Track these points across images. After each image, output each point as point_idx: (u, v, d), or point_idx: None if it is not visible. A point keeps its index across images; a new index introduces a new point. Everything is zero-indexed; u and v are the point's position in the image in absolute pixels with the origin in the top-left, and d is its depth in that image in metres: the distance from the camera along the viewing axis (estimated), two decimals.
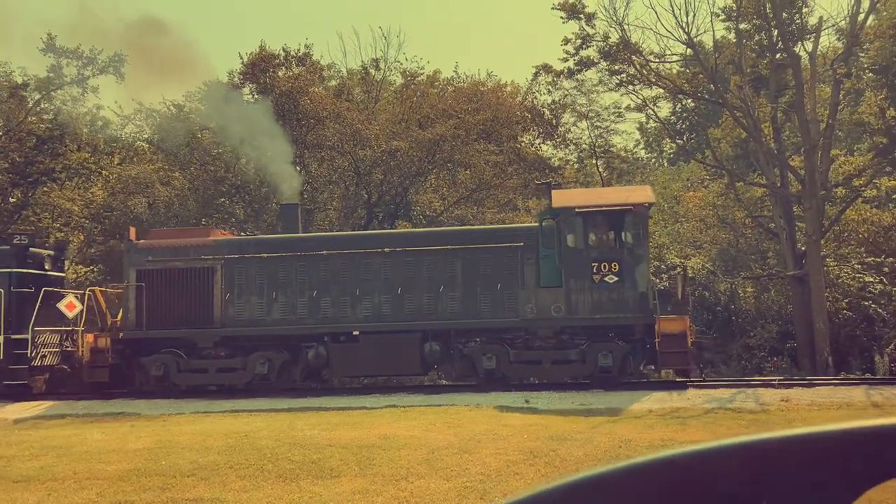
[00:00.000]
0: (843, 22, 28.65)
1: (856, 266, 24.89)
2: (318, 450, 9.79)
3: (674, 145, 42.14)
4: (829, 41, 31.17)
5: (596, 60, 31.75)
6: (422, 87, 29.65)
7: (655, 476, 0.86)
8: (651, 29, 61.98)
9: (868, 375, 18.32)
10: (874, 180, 29.33)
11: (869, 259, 25.13)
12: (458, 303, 16.76)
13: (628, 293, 15.79)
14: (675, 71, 31.99)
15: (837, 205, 27.73)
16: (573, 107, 35.36)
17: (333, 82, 30.90)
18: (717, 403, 13.15)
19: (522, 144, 32.42)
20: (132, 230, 18.77)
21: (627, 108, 35.79)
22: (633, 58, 29.53)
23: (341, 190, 27.92)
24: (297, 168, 29.17)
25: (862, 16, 27.53)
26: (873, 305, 23.20)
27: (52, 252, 20.12)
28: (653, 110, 34.59)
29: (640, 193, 17.32)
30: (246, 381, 17.26)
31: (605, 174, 36.20)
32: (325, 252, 17.35)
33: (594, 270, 15.99)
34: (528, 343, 16.46)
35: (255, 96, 28.55)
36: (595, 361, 15.91)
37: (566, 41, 32.05)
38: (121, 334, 17.60)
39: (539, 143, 34.81)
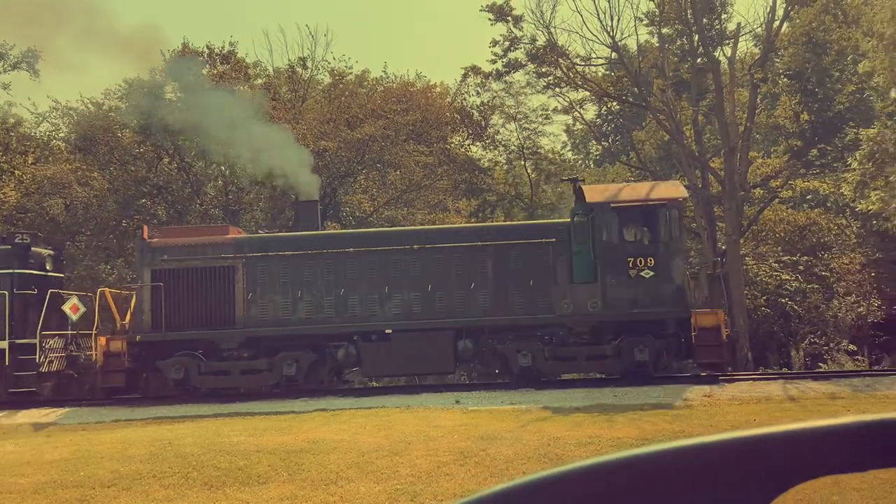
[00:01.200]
0: (760, 28, 29.72)
1: (773, 264, 25.80)
2: (245, 456, 9.57)
3: (600, 147, 42.91)
4: (746, 47, 32.29)
5: (524, 63, 32.11)
6: (350, 87, 29.43)
7: (585, 482, 0.83)
8: (577, 32, 63.11)
9: (785, 370, 18.99)
10: (789, 181, 30.47)
11: (785, 258, 26.09)
12: (489, 300, 16.56)
13: (665, 287, 15.85)
14: (600, 74, 32.60)
15: (756, 205, 28.71)
16: (502, 108, 35.66)
17: (260, 81, 30.37)
18: (644, 400, 13.42)
19: (452, 145, 32.52)
20: (145, 228, 17.92)
21: (555, 110, 36.28)
22: (560, 60, 29.95)
23: (268, 190, 27.47)
24: (223, 168, 28.60)
25: (777, 23, 28.57)
26: (789, 302, 24.11)
27: (52, 252, 19.11)
28: (579, 113, 35.20)
29: (672, 188, 17.38)
30: (272, 384, 16.72)
31: (533, 176, 36.61)
32: (351, 249, 16.96)
33: (630, 265, 15.98)
34: (561, 339, 16.33)
35: (178, 94, 27.84)
36: (631, 356, 15.87)
37: (494, 43, 32.34)
38: (138, 337, 16.73)
39: (468, 145, 34.99)
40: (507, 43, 31.82)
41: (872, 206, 23.16)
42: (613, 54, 29.99)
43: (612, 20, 41.89)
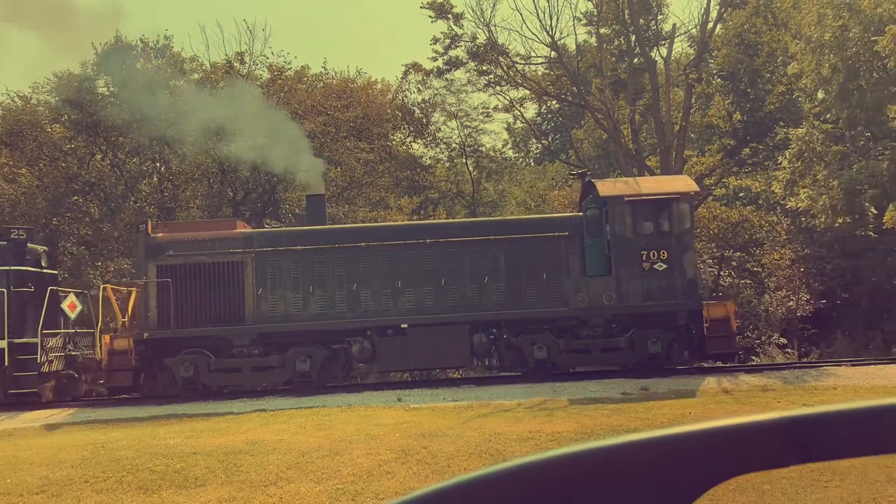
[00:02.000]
0: (695, 30, 30.44)
1: (708, 261, 26.43)
2: (182, 458, 9.36)
3: (539, 145, 43.35)
4: (682, 48, 33.01)
5: (464, 60, 32.22)
6: (289, 83, 29.06)
7: (515, 482, 0.82)
8: (517, 31, 63.49)
9: (719, 364, 19.46)
10: (723, 179, 31.26)
11: (718, 254, 26.76)
12: (502, 293, 16.57)
13: (677, 280, 16.03)
14: (540, 73, 32.92)
15: None
16: (443, 106, 35.71)
17: (196, 76, 29.75)
18: (582, 394, 13.60)
19: (393, 143, 32.42)
20: (148, 223, 17.36)
21: (495, 108, 36.49)
22: (500, 59, 30.14)
23: (205, 188, 26.94)
24: (158, 164, 27.97)
25: (711, 25, 29.27)
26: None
27: (46, 248, 18.41)
28: (519, 111, 35.48)
29: (684, 182, 17.55)
30: (285, 380, 16.44)
31: (474, 173, 36.77)
32: (363, 244, 16.77)
33: (643, 258, 16.12)
34: (574, 332, 16.43)
35: (111, 88, 27.09)
36: (644, 348, 16.06)
37: (435, 41, 32.39)
38: (145, 334, 16.16)
39: (410, 142, 34.94)
40: (447, 40, 31.90)
41: (801, 204, 23.95)
42: (553, 53, 30.33)
43: (551, 20, 42.35)
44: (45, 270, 17.86)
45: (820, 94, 26.21)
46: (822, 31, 22.63)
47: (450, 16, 31.14)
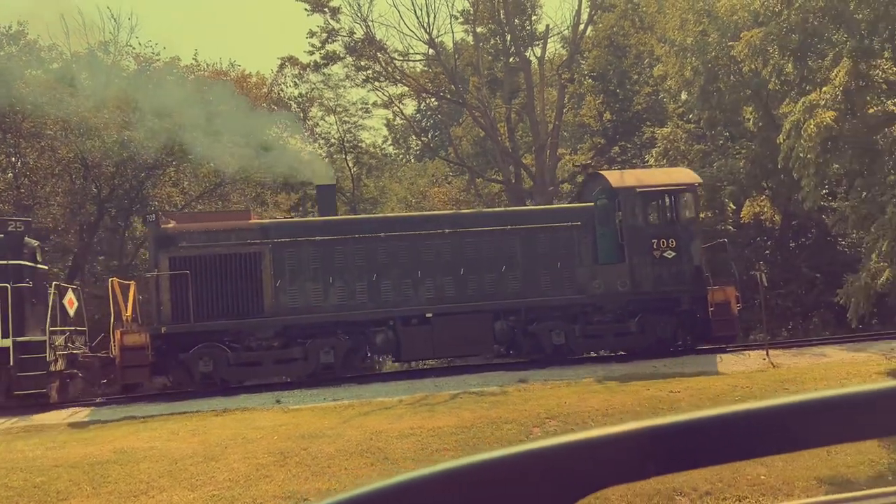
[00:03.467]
0: (567, 31, 31.34)
1: None
2: (43, 472, 8.80)
3: (419, 142, 43.53)
4: (555, 48, 33.90)
5: (342, 55, 31.93)
6: (158, 75, 27.83)
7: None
8: (395, 27, 63.48)
9: (593, 353, 20.14)
10: None
11: None
12: (519, 282, 16.89)
13: (685, 267, 16.68)
14: (418, 70, 33.02)
15: (565, 199, 30.25)
16: (321, 101, 35.23)
17: (55, 65, 28.01)
18: (462, 388, 13.74)
19: (269, 138, 31.67)
20: (159, 214, 16.74)
21: (374, 104, 36.36)
22: (379, 55, 30.04)
23: (66, 184, 25.43)
24: (14, 159, 26.21)
25: (582, 26, 30.23)
26: None
27: (38, 242, 17.20)
28: (399, 108, 35.49)
29: (689, 174, 18.30)
30: (309, 373, 15.99)
31: (354, 170, 36.49)
32: (382, 234, 16.69)
33: (654, 247, 16.75)
34: (587, 318, 16.86)
35: None
36: (653, 332, 16.65)
37: (312, 34, 31.91)
38: (163, 328, 15.46)
39: (287, 137, 34.25)
40: (324, 34, 31.49)
41: None
42: (431, 51, 30.49)
43: (428, 17, 42.50)
44: (38, 266, 16.97)
45: (683, 96, 27.60)
46: (685, 36, 23.81)
47: (326, 9, 30.75)
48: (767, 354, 15.60)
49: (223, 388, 15.62)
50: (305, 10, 30.76)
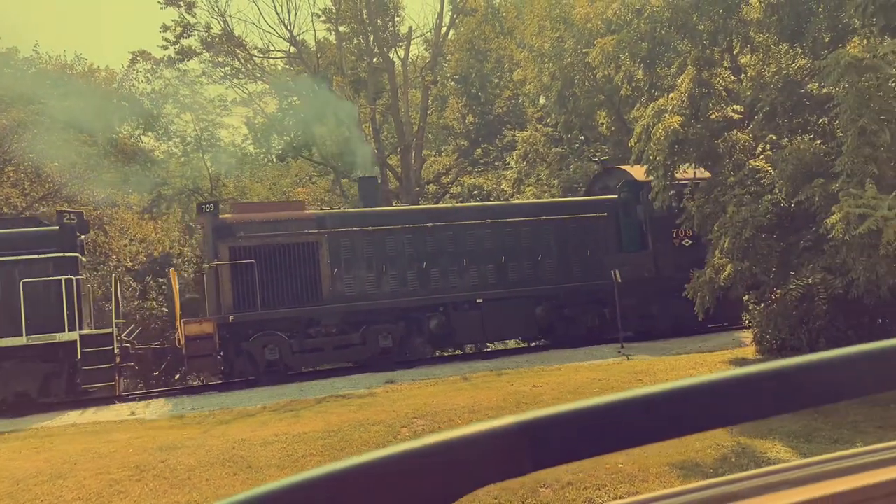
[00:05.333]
0: (430, 34, 31.63)
1: None
2: None
3: (282, 141, 42.66)
4: (418, 50, 34.12)
5: (198, 51, 30.78)
6: None
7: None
8: (254, 23, 61.91)
9: (458, 352, 20.43)
10: (458, 178, 32.86)
11: None
12: (554, 269, 18.14)
13: (700, 253, 16.98)
14: (280, 68, 32.36)
15: (430, 199, 30.51)
16: (175, 97, 33.81)
17: None
18: (329, 392, 13.54)
19: (120, 135, 30.10)
20: (217, 204, 16.94)
21: (233, 101, 35.28)
22: (237, 51, 29.19)
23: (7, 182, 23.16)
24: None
25: (444, 29, 30.59)
26: None
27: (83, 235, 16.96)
28: (259, 105, 34.61)
29: (700, 170, 18.57)
30: (367, 357, 16.60)
31: (212, 169, 35.26)
32: (430, 224, 17.50)
33: (674, 235, 17.98)
34: (614, 302, 17.57)
35: None
36: (669, 314, 17.67)
37: (165, 28, 30.55)
38: (231, 317, 15.57)
39: (139, 135, 32.66)
40: (179, 29, 30.25)
41: (528, 201, 25.84)
42: (292, 48, 29.94)
43: (289, 14, 41.74)
44: (83, 259, 16.84)
45: (541, 100, 28.48)
46: (543, 42, 24.56)
47: (181, 3, 29.55)
48: (622, 347, 16.34)
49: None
50: (159, 3, 29.44)
